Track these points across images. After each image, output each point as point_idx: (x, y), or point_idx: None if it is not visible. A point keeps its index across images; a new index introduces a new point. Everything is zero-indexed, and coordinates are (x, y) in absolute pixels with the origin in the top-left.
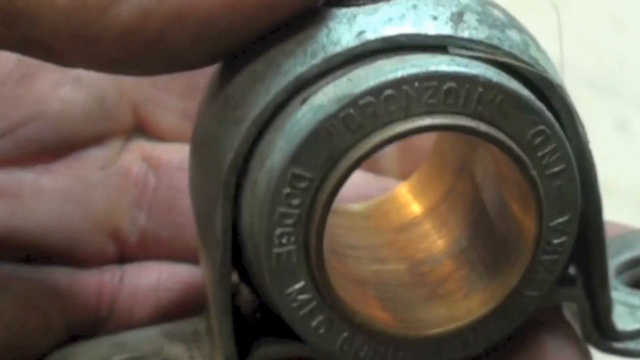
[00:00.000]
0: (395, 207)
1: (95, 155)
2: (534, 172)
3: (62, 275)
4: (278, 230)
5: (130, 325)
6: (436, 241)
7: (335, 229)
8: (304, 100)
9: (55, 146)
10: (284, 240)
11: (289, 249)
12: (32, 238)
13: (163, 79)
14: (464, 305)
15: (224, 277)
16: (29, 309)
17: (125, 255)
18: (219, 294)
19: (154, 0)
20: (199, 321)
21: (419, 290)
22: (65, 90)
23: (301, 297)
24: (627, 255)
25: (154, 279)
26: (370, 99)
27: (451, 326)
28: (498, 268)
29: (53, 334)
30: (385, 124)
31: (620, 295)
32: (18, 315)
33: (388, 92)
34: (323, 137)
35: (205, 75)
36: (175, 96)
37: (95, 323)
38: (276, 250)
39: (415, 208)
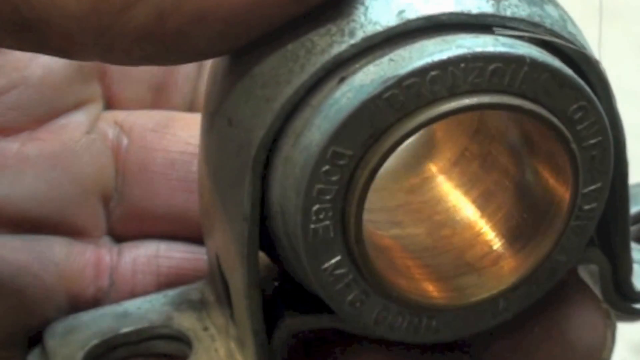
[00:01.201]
0: (403, 166)
1: (78, 120)
2: (574, 146)
3: (57, 246)
4: (315, 207)
5: (133, 296)
6: (453, 204)
7: None
8: (342, 79)
9: (39, 112)
10: (321, 216)
11: (325, 224)
12: (22, 207)
13: None
14: (495, 272)
15: (252, 252)
16: (25, 277)
17: (111, 221)
18: (247, 269)
19: (170, 1)
20: (203, 287)
21: (446, 256)
22: (44, 57)
23: (337, 271)
24: (633, 210)
25: (153, 249)
26: (415, 79)
27: (483, 295)
28: (529, 235)
29: (54, 302)
30: (429, 103)
31: (634, 254)
32: (14, 281)
33: (433, 73)
34: (365, 116)
35: None
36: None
37: (96, 293)
38: (313, 226)
39: (426, 168)
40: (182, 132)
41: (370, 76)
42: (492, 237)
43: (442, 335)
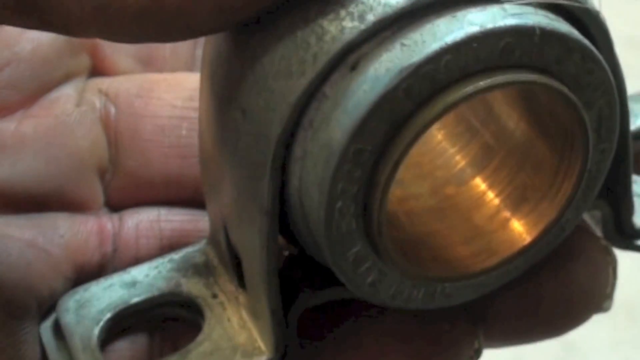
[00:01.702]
0: None
1: (67, 93)
2: (583, 112)
3: (60, 220)
4: (338, 204)
5: (137, 260)
6: (453, 158)
7: None
8: (354, 67)
9: (32, 88)
10: (343, 211)
11: (348, 219)
12: (23, 187)
13: None
14: (505, 237)
15: (272, 243)
16: (32, 250)
17: (108, 192)
18: (267, 258)
19: None
20: (206, 249)
21: (453, 218)
22: (33, 31)
23: (358, 258)
24: (633, 127)
25: (154, 214)
26: (430, 66)
27: (495, 261)
28: (536, 198)
29: (61, 273)
30: (443, 87)
31: (636, 187)
32: (22, 255)
33: (447, 57)
34: (384, 109)
35: None
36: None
37: (101, 260)
38: (336, 222)
39: None
40: (167, 95)
41: (385, 65)
42: (496, 198)
43: (455, 299)
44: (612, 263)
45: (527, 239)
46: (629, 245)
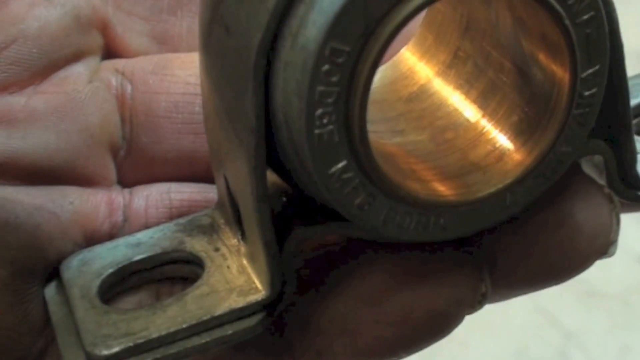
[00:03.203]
0: (399, 76)
1: (78, 71)
2: (567, 22)
3: (70, 190)
4: (319, 111)
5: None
6: (454, 107)
7: None
8: None
9: (40, 65)
10: (324, 120)
11: (329, 129)
12: (33, 160)
13: (126, 3)
14: (500, 168)
15: (259, 165)
16: (42, 214)
17: (121, 170)
18: (256, 181)
19: None
20: (213, 213)
21: (450, 158)
22: (40, 9)
23: (344, 176)
24: (633, 102)
25: (165, 188)
26: None
27: (489, 190)
28: (531, 128)
29: (70, 238)
30: None
31: (638, 146)
32: (31, 218)
33: None
34: (358, 5)
35: None
36: (140, 19)
37: (111, 229)
38: (317, 131)
39: (422, 75)
40: (181, 72)
41: None
42: (495, 135)
43: (451, 233)
44: (616, 210)
45: (521, 169)
46: (633, 197)
